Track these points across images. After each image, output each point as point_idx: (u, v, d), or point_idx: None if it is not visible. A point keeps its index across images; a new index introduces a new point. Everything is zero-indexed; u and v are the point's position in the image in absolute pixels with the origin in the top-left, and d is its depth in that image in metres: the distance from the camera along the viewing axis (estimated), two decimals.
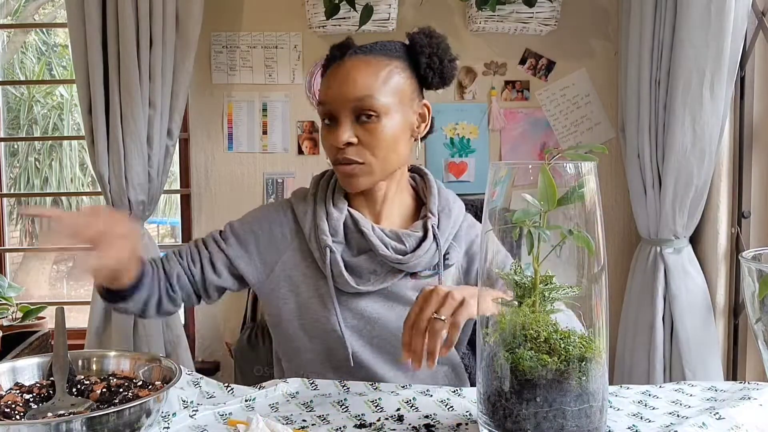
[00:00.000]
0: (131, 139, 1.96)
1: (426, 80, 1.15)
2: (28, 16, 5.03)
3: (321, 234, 1.14)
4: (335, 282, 1.13)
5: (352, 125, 1.10)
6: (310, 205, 1.18)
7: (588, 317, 0.76)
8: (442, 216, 1.17)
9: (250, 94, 2.23)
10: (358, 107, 1.09)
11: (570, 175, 0.75)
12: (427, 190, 1.21)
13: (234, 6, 2.20)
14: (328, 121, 1.12)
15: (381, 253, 1.11)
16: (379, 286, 1.14)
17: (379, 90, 1.09)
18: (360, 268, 1.13)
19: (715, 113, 1.83)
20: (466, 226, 1.22)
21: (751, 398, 0.92)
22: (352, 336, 1.14)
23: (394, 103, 1.10)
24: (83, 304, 2.19)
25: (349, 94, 1.08)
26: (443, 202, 1.19)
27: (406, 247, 1.13)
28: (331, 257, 1.12)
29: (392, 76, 1.11)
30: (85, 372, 0.92)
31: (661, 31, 1.89)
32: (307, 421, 0.87)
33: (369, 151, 1.10)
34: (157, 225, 5.41)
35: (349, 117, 1.09)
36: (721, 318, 1.99)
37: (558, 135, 2.25)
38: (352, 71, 1.09)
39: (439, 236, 1.14)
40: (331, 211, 1.15)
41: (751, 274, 0.79)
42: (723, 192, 1.97)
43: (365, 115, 1.09)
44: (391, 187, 1.18)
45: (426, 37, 1.15)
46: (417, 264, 1.13)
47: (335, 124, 1.11)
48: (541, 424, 0.73)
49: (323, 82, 1.15)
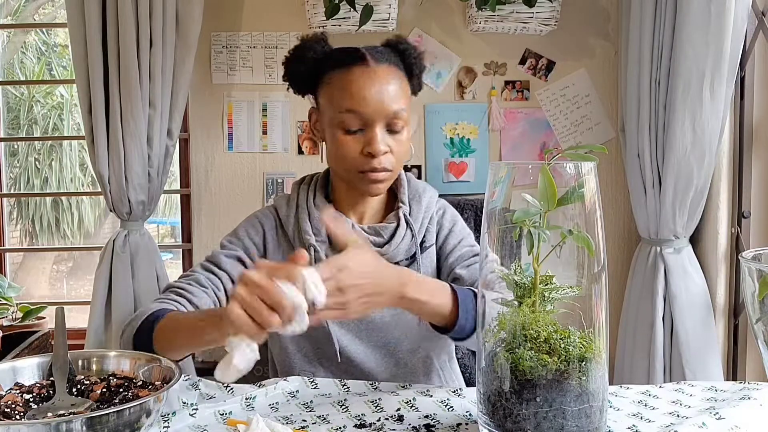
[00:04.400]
0: (131, 139, 1.96)
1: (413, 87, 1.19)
2: (28, 16, 5.03)
3: (304, 234, 1.16)
4: None
5: (383, 134, 1.12)
6: (293, 208, 1.21)
7: (588, 317, 0.76)
8: (413, 203, 1.21)
9: (250, 94, 2.23)
10: (392, 119, 1.11)
11: (570, 175, 0.76)
12: (398, 183, 1.24)
13: (234, 6, 2.20)
14: (355, 128, 1.12)
15: None
16: None
17: (405, 102, 1.13)
18: None
19: (715, 113, 1.83)
20: (437, 208, 1.26)
21: (751, 398, 0.92)
22: (340, 331, 1.16)
23: (409, 112, 1.15)
24: (83, 304, 2.19)
25: (387, 106, 1.10)
26: (412, 191, 1.23)
27: (384, 238, 1.16)
28: (315, 256, 1.15)
29: (405, 84, 1.15)
30: (85, 372, 0.92)
31: (661, 31, 1.89)
32: (307, 421, 0.87)
33: (397, 160, 1.14)
34: (157, 225, 5.41)
35: (383, 126, 1.12)
36: (721, 318, 1.99)
37: (558, 135, 2.25)
38: (385, 80, 1.10)
39: (412, 223, 1.18)
40: (313, 212, 1.18)
41: (751, 274, 0.79)
42: (723, 192, 1.97)
43: (396, 126, 1.12)
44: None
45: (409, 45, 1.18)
46: (396, 253, 1.16)
47: (365, 133, 1.11)
48: (541, 424, 0.73)
49: (347, 83, 1.11)
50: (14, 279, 2.38)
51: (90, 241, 5.35)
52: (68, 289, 5.57)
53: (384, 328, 1.17)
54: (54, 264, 5.61)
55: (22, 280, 4.59)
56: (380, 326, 1.17)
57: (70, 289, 5.56)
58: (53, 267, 5.61)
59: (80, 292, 5.33)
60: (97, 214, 5.44)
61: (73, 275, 5.68)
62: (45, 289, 5.36)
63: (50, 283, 5.52)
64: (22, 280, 4.59)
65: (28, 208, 5.28)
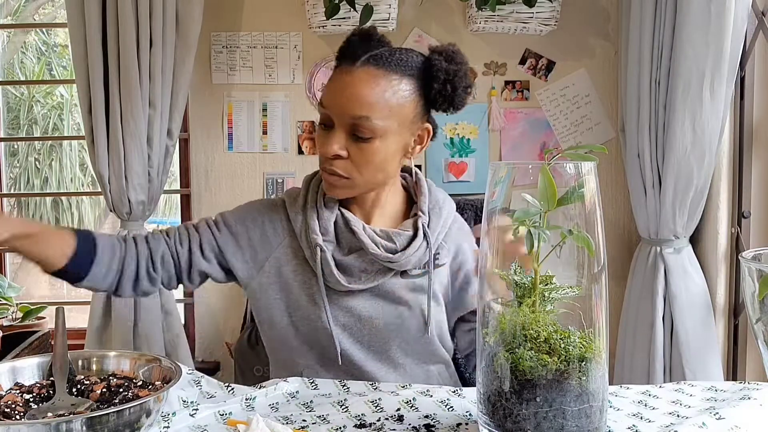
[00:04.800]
0: (131, 139, 1.96)
1: (435, 104, 1.12)
2: (28, 16, 5.03)
3: (311, 233, 1.14)
4: (326, 280, 1.14)
5: (346, 138, 1.08)
6: (301, 204, 1.18)
7: (588, 317, 0.76)
8: (433, 215, 1.17)
9: (250, 94, 2.23)
10: (355, 125, 1.06)
11: (570, 175, 0.76)
12: (417, 189, 1.20)
13: (234, 6, 2.20)
14: (324, 125, 1.11)
15: (371, 252, 1.11)
16: (369, 284, 1.14)
17: (380, 111, 1.06)
18: (351, 266, 1.13)
19: (715, 113, 1.83)
20: (456, 228, 1.23)
21: (751, 398, 0.92)
22: (342, 334, 1.15)
23: (391, 126, 1.07)
24: (83, 304, 2.19)
25: (349, 110, 1.06)
26: (433, 201, 1.18)
27: (396, 245, 1.12)
28: (321, 256, 1.12)
29: (398, 96, 1.07)
30: (85, 372, 0.92)
31: (661, 31, 1.89)
32: (307, 421, 0.87)
33: (356, 168, 1.09)
34: (157, 225, 5.40)
35: (345, 129, 1.08)
36: (721, 318, 1.99)
37: (558, 135, 2.25)
38: (359, 85, 1.05)
39: (429, 235, 1.14)
40: (321, 210, 1.16)
41: (751, 274, 0.79)
42: (723, 192, 1.97)
43: (360, 132, 1.06)
44: (382, 192, 1.18)
45: (445, 61, 1.09)
46: (407, 262, 1.13)
47: (330, 131, 1.09)
48: (541, 424, 0.73)
49: (330, 80, 1.11)
50: (14, 279, 2.38)
51: None
52: (68, 289, 5.55)
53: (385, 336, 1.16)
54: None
55: (22, 280, 4.58)
56: (382, 333, 1.16)
57: (70, 289, 5.53)
58: None
59: (80, 292, 5.26)
60: (97, 214, 5.45)
61: None
62: (45, 289, 5.36)
63: (50, 283, 5.51)
64: (22, 280, 4.58)
65: (28, 208, 5.28)
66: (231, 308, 2.24)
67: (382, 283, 1.14)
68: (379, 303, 1.15)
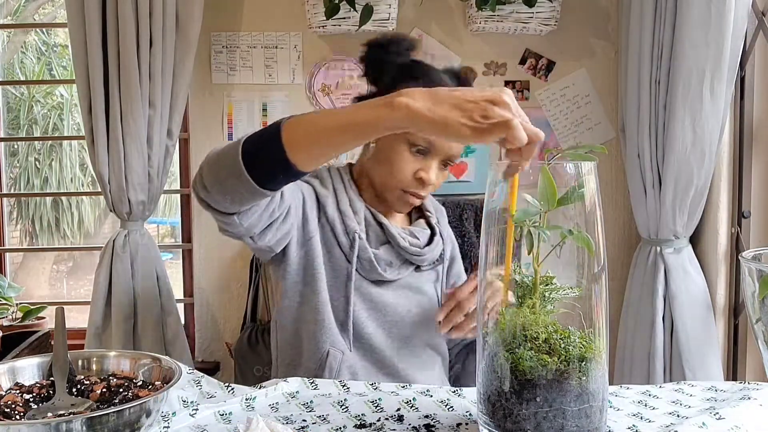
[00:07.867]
0: (131, 139, 1.95)
1: None
2: (28, 16, 5.03)
3: (347, 219, 1.18)
4: (360, 266, 1.19)
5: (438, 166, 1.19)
6: (330, 189, 1.21)
7: (588, 317, 0.76)
8: (439, 215, 1.31)
9: (250, 94, 2.23)
10: (452, 158, 1.19)
11: (570, 175, 0.76)
12: None
13: (234, 6, 2.20)
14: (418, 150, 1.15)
15: (401, 245, 1.19)
16: (394, 276, 1.21)
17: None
18: (378, 258, 1.19)
19: (715, 113, 1.83)
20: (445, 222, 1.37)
21: (751, 398, 0.92)
22: (368, 320, 1.19)
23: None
24: (83, 304, 2.19)
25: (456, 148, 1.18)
26: (434, 204, 1.33)
27: (420, 241, 1.23)
28: (360, 243, 1.17)
29: None
30: (85, 372, 0.92)
31: (661, 31, 1.89)
32: (307, 421, 0.87)
33: (433, 189, 1.21)
34: (157, 225, 5.41)
35: (440, 159, 1.18)
36: (721, 318, 1.99)
37: (558, 135, 2.25)
38: None
39: (443, 232, 1.28)
40: (354, 198, 1.21)
41: (751, 274, 0.79)
42: (723, 192, 1.97)
43: (449, 164, 1.20)
44: None
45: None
46: (429, 257, 1.23)
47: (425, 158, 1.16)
48: (541, 424, 0.73)
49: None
50: (14, 279, 2.38)
51: (90, 241, 5.35)
52: (68, 289, 5.57)
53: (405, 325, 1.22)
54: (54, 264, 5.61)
55: (22, 280, 4.59)
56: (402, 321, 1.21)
57: (70, 289, 5.56)
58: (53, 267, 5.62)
59: (80, 292, 5.33)
60: (97, 214, 5.45)
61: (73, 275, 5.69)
62: (45, 289, 5.36)
63: (50, 283, 5.52)
64: (22, 280, 4.59)
65: (28, 208, 5.28)
66: (231, 308, 2.24)
67: (405, 276, 1.23)
68: (403, 294, 1.22)
